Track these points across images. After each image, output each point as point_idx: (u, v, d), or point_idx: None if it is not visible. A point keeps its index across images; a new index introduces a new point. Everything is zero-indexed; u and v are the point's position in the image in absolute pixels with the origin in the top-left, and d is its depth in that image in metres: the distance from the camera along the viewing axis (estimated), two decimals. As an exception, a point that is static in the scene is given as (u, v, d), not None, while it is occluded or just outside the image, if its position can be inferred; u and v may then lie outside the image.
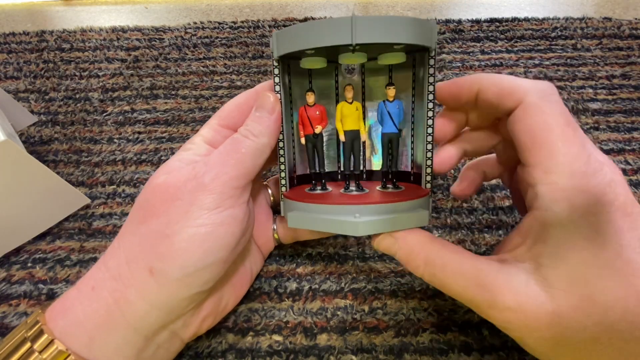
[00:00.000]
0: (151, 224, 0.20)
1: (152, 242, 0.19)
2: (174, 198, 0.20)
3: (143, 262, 0.19)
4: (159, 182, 0.21)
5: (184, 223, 0.19)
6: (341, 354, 0.24)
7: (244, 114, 0.23)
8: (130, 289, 0.19)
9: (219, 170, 0.20)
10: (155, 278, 0.19)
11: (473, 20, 0.46)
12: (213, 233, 0.19)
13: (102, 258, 0.21)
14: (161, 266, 0.19)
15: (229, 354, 0.24)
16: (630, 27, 0.44)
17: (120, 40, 0.45)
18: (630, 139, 0.34)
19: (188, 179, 0.20)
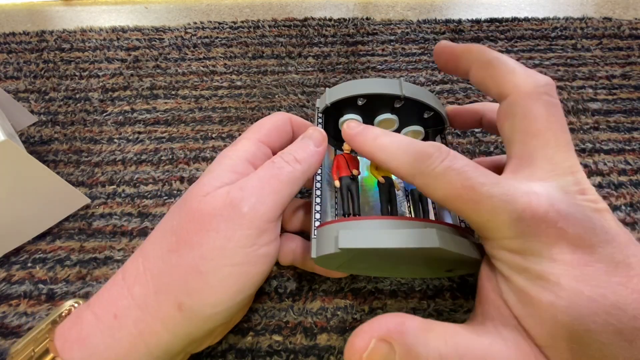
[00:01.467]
0: (183, 256, 0.18)
1: (184, 276, 0.18)
2: (209, 228, 0.18)
3: (172, 295, 0.18)
4: (194, 207, 0.19)
5: (220, 261, 0.18)
6: (341, 354, 0.24)
7: (282, 137, 0.23)
8: (157, 321, 0.18)
9: (257, 200, 0.19)
10: (183, 314, 0.18)
11: (473, 20, 0.46)
12: (248, 273, 0.19)
13: (121, 279, 0.19)
14: (191, 303, 0.18)
15: (229, 354, 0.24)
16: (630, 27, 0.44)
17: (120, 40, 0.45)
18: (630, 139, 0.34)
19: (224, 206, 0.18)
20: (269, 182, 0.19)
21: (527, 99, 0.17)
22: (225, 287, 0.18)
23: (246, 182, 0.19)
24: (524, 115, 0.17)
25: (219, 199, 0.19)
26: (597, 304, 0.14)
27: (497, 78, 0.18)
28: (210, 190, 0.19)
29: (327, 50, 0.43)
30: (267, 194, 0.19)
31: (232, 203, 0.18)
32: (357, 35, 0.45)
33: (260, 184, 0.19)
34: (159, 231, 0.20)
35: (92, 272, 0.28)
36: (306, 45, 0.44)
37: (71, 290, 0.27)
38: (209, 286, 0.18)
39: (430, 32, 0.45)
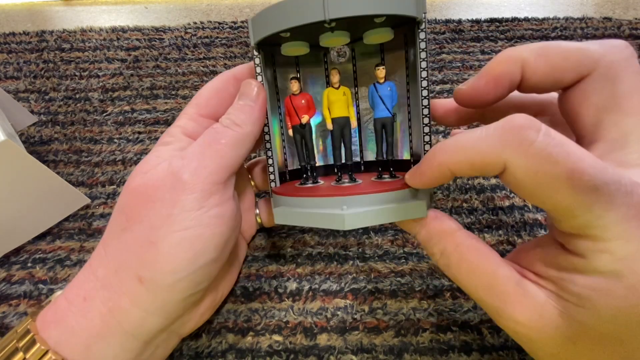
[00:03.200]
0: (134, 231, 0.19)
1: (138, 250, 0.18)
2: (154, 200, 0.19)
3: (131, 270, 0.18)
4: (136, 183, 0.19)
5: (168, 228, 0.18)
6: (341, 354, 0.24)
7: (225, 101, 0.22)
8: (122, 298, 0.18)
9: (198, 164, 0.19)
10: (145, 286, 0.18)
11: (473, 20, 0.46)
12: (200, 236, 0.19)
13: (88, 265, 0.20)
14: (150, 274, 0.18)
15: (229, 354, 0.24)
16: (630, 27, 0.44)
17: (120, 40, 0.45)
18: (630, 139, 0.34)
19: (165, 176, 0.19)
20: (210, 146, 0.20)
21: (613, 72, 0.15)
22: (180, 253, 0.18)
23: (187, 151, 0.20)
24: (613, 92, 0.15)
25: (160, 172, 0.19)
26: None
27: (567, 60, 0.16)
28: (151, 167, 0.20)
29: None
30: (208, 157, 0.19)
31: (173, 172, 0.19)
32: (357, 35, 0.45)
33: (200, 149, 0.20)
34: (112, 215, 0.20)
35: (92, 272, 0.28)
36: (306, 45, 0.44)
37: (71, 290, 0.27)
38: (163, 254, 0.18)
39: (430, 32, 0.45)
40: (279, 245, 0.29)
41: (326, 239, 0.29)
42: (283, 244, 0.29)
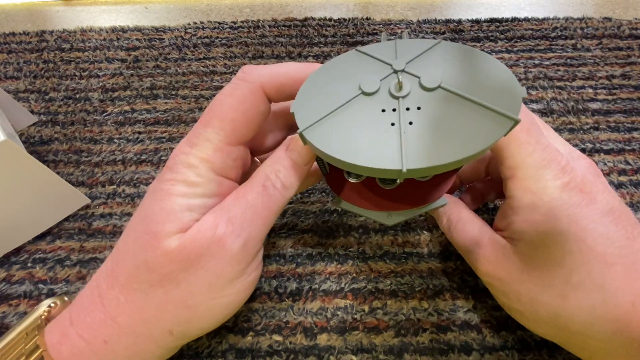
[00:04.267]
0: (170, 291, 0.18)
1: (173, 310, 0.18)
2: (197, 267, 0.18)
3: (163, 325, 0.19)
4: (173, 247, 0.17)
5: (210, 295, 0.18)
6: (341, 354, 0.24)
7: (254, 123, 0.19)
8: (148, 344, 0.19)
9: (248, 236, 0.18)
10: (175, 337, 0.19)
11: (473, 20, 0.46)
12: (235, 301, 0.20)
13: (101, 307, 0.19)
14: (181, 329, 0.19)
15: (229, 354, 0.24)
16: (630, 27, 0.44)
17: (120, 40, 0.45)
18: (630, 139, 0.34)
19: (211, 243, 0.17)
20: (262, 212, 0.18)
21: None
22: (215, 315, 0.19)
23: (234, 212, 0.18)
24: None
25: (204, 237, 0.17)
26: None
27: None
28: (188, 222, 0.18)
29: (327, 50, 0.43)
30: (257, 226, 0.18)
31: (221, 240, 0.18)
32: (357, 35, 0.45)
33: (251, 216, 0.18)
34: (129, 262, 0.18)
35: (92, 272, 0.28)
36: (306, 45, 0.44)
37: (71, 291, 0.27)
38: (198, 316, 0.19)
39: (430, 32, 0.45)
40: (279, 245, 0.29)
41: (326, 239, 0.29)
42: (283, 244, 0.29)
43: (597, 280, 0.18)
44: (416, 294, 0.26)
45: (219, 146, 0.18)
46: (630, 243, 0.18)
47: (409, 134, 0.15)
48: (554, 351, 0.23)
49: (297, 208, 0.31)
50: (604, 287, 0.17)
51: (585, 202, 0.18)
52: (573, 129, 0.35)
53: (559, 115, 0.36)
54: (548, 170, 0.19)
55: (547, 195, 0.19)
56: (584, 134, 0.34)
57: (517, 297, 0.20)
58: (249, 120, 0.19)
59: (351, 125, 0.16)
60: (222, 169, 0.19)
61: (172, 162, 0.19)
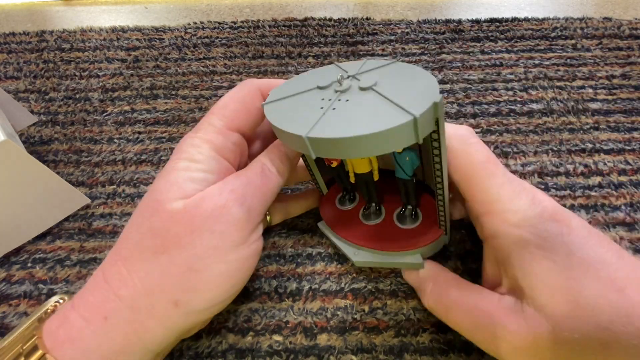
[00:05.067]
0: (174, 256, 0.18)
1: (178, 275, 0.18)
2: (202, 230, 0.18)
3: (168, 294, 0.18)
4: (178, 208, 0.19)
5: (215, 259, 0.19)
6: (341, 354, 0.24)
7: (251, 115, 0.22)
8: (151, 319, 0.18)
9: (252, 205, 0.20)
10: (179, 310, 0.19)
11: (473, 20, 0.46)
12: (241, 268, 0.20)
13: (105, 283, 0.19)
14: (187, 299, 0.19)
15: (229, 354, 0.24)
16: (630, 27, 0.44)
17: (120, 40, 0.45)
18: (630, 139, 0.34)
19: (216, 208, 0.19)
20: (261, 188, 0.20)
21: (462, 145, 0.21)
22: (221, 282, 0.19)
23: (236, 185, 0.20)
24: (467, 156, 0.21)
25: (210, 202, 0.19)
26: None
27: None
28: (190, 191, 0.19)
29: (327, 50, 0.43)
30: (258, 199, 0.20)
31: (225, 205, 0.19)
32: (357, 35, 0.45)
33: (252, 190, 0.20)
34: (134, 234, 0.19)
35: (92, 272, 0.28)
36: (306, 45, 0.44)
37: (71, 290, 0.27)
38: (205, 282, 0.19)
39: (430, 32, 0.45)
40: (279, 245, 0.29)
41: (326, 238, 0.29)
42: (283, 244, 0.29)
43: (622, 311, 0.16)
44: (416, 294, 0.26)
45: (221, 130, 0.21)
46: (621, 261, 0.17)
47: (327, 115, 0.18)
48: (554, 351, 0.23)
49: (297, 208, 0.31)
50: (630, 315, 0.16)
51: (566, 230, 0.18)
52: (573, 129, 0.35)
53: (559, 115, 0.36)
54: (522, 201, 0.19)
55: (533, 227, 0.18)
56: (584, 134, 0.34)
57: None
58: (247, 111, 0.22)
59: (297, 105, 0.20)
60: (222, 150, 0.21)
61: (178, 146, 0.21)
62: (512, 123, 0.36)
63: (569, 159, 0.33)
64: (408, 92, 0.18)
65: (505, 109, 0.37)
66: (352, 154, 0.17)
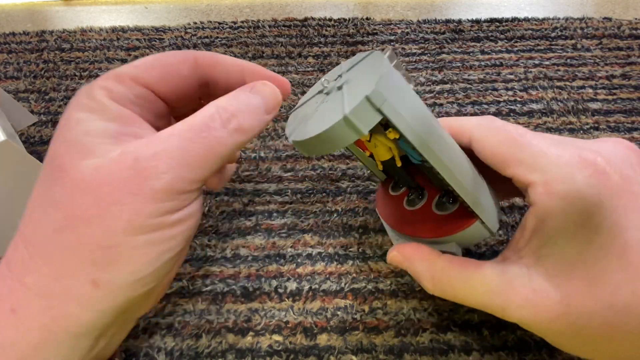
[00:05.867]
0: (80, 233, 0.15)
1: (89, 254, 0.15)
2: (111, 201, 0.15)
3: (82, 275, 0.15)
4: (82, 174, 0.15)
5: (129, 232, 0.15)
6: (341, 354, 0.24)
7: (168, 79, 0.18)
8: (70, 304, 0.16)
9: (176, 175, 0.15)
10: (101, 289, 0.16)
11: (473, 20, 0.46)
12: (164, 237, 0.16)
13: (7, 269, 0.16)
14: (107, 277, 0.16)
15: (229, 354, 0.24)
16: (630, 27, 0.44)
17: (120, 40, 0.45)
18: (630, 139, 0.34)
19: (128, 175, 0.15)
20: (198, 151, 0.16)
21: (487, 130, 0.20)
22: (142, 254, 0.16)
23: (161, 147, 0.15)
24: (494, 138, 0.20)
25: (120, 167, 0.15)
26: None
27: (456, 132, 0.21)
28: (98, 151, 0.15)
29: (327, 50, 0.43)
30: (190, 168, 0.16)
31: (141, 174, 0.15)
32: (357, 35, 0.45)
33: (182, 153, 0.16)
34: (36, 207, 0.16)
35: (92, 272, 0.28)
36: (306, 45, 0.44)
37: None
38: (123, 256, 0.15)
39: (430, 32, 0.45)
40: (279, 245, 0.29)
41: (326, 238, 0.29)
42: (283, 244, 0.29)
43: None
44: (416, 294, 0.26)
45: (122, 78, 0.17)
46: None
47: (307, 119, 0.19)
48: (553, 351, 0.23)
49: (297, 208, 0.31)
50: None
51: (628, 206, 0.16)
52: (573, 129, 0.35)
53: (559, 115, 0.36)
54: (576, 169, 0.17)
55: (581, 200, 0.16)
56: (584, 134, 0.34)
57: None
58: (165, 71, 0.18)
59: (303, 111, 0.21)
60: (121, 99, 0.17)
61: (72, 99, 0.17)
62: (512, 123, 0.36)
63: (569, 159, 0.33)
64: (359, 87, 0.17)
65: (505, 109, 0.37)
66: (317, 152, 0.18)
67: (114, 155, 0.15)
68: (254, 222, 0.30)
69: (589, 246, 0.16)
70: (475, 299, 0.19)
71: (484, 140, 0.19)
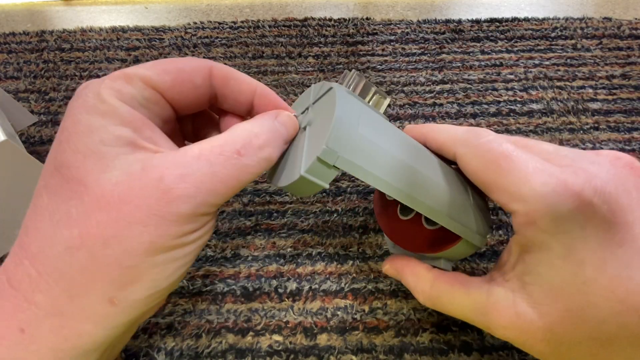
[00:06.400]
0: (99, 254, 0.14)
1: (107, 274, 0.15)
2: (132, 221, 0.14)
3: (98, 294, 0.15)
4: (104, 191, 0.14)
5: (150, 253, 0.15)
6: (341, 354, 0.24)
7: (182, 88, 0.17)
8: (83, 323, 0.15)
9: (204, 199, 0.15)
10: (117, 307, 0.15)
11: (473, 20, 0.46)
12: (185, 251, 0.16)
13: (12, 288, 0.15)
14: (125, 295, 0.15)
15: (229, 354, 0.24)
16: (630, 27, 0.44)
17: (120, 40, 0.45)
18: (630, 139, 0.34)
19: (153, 196, 0.14)
20: (226, 178, 0.16)
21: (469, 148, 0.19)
22: (161, 271, 0.16)
23: (191, 170, 0.15)
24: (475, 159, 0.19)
25: (143, 184, 0.14)
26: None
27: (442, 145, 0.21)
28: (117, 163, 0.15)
29: (327, 50, 0.43)
30: (217, 194, 0.16)
31: (167, 196, 0.14)
32: (357, 35, 0.45)
33: (212, 180, 0.15)
34: (44, 221, 0.15)
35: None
36: (306, 45, 0.44)
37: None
38: (142, 275, 0.15)
39: (430, 32, 0.45)
40: (279, 245, 0.29)
41: (326, 238, 0.29)
42: (283, 244, 0.29)
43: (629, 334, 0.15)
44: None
45: (131, 78, 0.16)
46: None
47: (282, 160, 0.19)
48: (554, 351, 0.23)
49: (297, 208, 0.31)
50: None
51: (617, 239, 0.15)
52: (573, 129, 0.35)
53: (559, 115, 0.36)
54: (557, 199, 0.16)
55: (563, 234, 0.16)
56: (584, 134, 0.34)
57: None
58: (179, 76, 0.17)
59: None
60: (130, 101, 0.16)
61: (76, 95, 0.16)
62: (512, 123, 0.36)
63: (569, 159, 0.33)
64: (316, 138, 0.17)
65: (505, 109, 0.37)
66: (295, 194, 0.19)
67: (135, 170, 0.15)
68: (254, 222, 0.30)
69: (573, 279, 0.16)
70: (462, 314, 0.19)
71: (467, 160, 0.19)
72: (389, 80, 0.40)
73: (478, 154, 0.19)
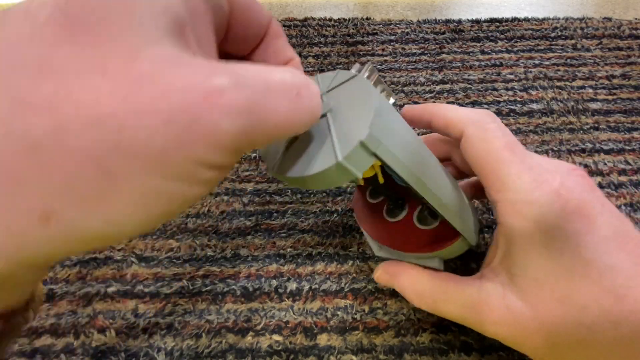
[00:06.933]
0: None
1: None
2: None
3: (32, 201, 0.10)
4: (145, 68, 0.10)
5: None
6: (341, 354, 0.24)
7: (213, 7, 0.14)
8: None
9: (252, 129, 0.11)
10: (51, 229, 0.10)
11: (473, 20, 0.46)
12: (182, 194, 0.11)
13: None
14: (70, 216, 0.10)
15: (229, 354, 0.24)
16: (630, 27, 0.44)
17: (120, 40, 0.45)
18: (630, 139, 0.34)
19: (202, 93, 0.10)
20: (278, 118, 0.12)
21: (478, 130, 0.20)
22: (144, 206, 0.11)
23: (251, 85, 0.11)
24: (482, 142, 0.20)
25: (197, 79, 0.10)
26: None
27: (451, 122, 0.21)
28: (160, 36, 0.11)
29: (327, 50, 0.43)
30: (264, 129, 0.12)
31: (212, 95, 0.10)
32: (357, 35, 0.45)
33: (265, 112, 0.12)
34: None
35: (92, 272, 0.28)
36: (306, 45, 0.44)
37: (71, 290, 0.27)
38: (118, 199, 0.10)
39: (430, 32, 0.45)
40: (278, 245, 0.29)
41: (326, 238, 0.29)
42: (283, 244, 0.29)
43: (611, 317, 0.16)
44: (416, 294, 0.26)
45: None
46: (637, 267, 0.17)
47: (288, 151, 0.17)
48: (554, 351, 0.23)
49: (297, 208, 0.31)
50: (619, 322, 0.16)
51: (585, 229, 0.17)
52: (573, 129, 0.35)
53: (559, 115, 0.36)
54: (540, 193, 0.18)
55: (546, 223, 0.17)
56: (584, 134, 0.34)
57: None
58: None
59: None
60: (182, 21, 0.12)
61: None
62: (512, 123, 0.36)
63: (569, 159, 0.33)
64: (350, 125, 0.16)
65: (505, 109, 0.37)
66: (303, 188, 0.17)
67: (195, 64, 0.11)
68: (253, 222, 0.30)
69: (556, 267, 0.17)
70: (455, 313, 0.20)
71: (474, 141, 0.20)
72: (389, 80, 0.40)
73: (484, 138, 0.19)
